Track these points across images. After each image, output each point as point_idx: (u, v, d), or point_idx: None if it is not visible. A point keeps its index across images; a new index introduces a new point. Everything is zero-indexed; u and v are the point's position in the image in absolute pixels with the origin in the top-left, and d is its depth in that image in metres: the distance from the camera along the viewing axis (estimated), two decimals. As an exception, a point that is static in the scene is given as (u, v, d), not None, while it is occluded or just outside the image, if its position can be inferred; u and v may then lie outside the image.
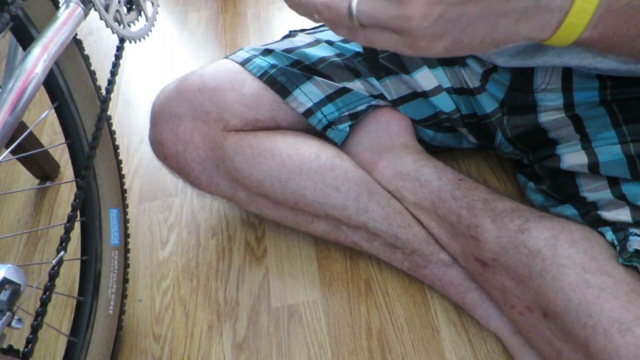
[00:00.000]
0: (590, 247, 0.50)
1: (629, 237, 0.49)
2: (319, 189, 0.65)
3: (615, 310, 0.45)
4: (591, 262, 0.49)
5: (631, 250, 0.48)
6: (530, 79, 0.60)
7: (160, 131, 0.66)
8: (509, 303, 0.56)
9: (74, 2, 0.52)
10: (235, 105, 0.65)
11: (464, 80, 0.66)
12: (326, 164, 0.65)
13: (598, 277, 0.47)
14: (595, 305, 0.46)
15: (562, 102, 0.60)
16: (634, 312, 0.44)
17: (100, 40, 1.22)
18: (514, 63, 0.58)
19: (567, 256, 0.49)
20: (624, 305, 0.45)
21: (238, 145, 0.65)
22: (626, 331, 0.44)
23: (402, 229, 0.65)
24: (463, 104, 0.68)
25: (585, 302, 0.46)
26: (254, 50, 0.70)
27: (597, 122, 0.57)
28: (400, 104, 0.69)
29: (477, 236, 0.57)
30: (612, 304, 0.45)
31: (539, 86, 0.60)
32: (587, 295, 0.47)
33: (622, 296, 0.45)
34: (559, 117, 0.60)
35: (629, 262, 0.48)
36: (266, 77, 0.66)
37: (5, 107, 0.45)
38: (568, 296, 0.48)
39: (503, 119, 0.64)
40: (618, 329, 0.44)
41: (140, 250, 0.82)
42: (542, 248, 0.51)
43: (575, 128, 0.59)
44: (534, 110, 0.62)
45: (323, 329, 0.69)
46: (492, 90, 0.65)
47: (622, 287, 0.46)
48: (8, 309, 0.43)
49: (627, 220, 0.52)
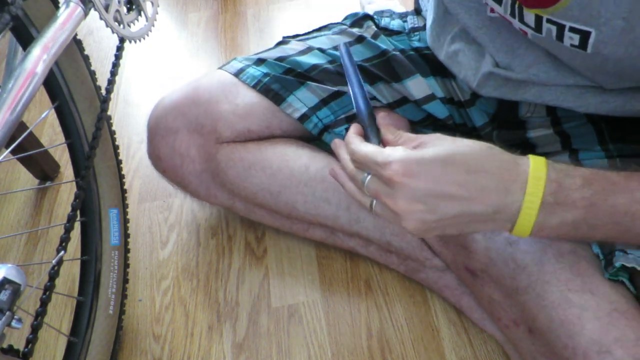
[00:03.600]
0: (576, 262, 0.49)
1: (614, 252, 0.48)
2: (310, 202, 0.65)
3: (596, 332, 0.44)
4: (576, 280, 0.48)
5: (617, 265, 0.47)
6: (516, 107, 0.60)
7: (157, 146, 0.67)
8: (496, 315, 0.56)
9: (74, 2, 0.52)
10: (229, 117, 0.65)
11: (455, 92, 0.66)
12: (316, 176, 0.65)
13: (581, 296, 0.47)
14: (576, 325, 0.46)
15: (550, 119, 0.60)
16: (614, 334, 0.44)
17: (100, 40, 1.22)
18: (496, 94, 0.58)
19: (551, 272, 0.49)
20: (605, 327, 0.44)
21: (229, 158, 0.65)
22: (605, 354, 0.43)
23: (395, 237, 0.65)
24: (456, 113, 0.68)
25: (567, 322, 0.46)
26: (246, 60, 0.70)
27: (585, 139, 0.57)
28: (396, 107, 0.69)
29: (467, 246, 0.57)
30: (594, 324, 0.45)
31: (524, 114, 0.60)
32: (569, 316, 0.46)
33: (604, 317, 0.45)
34: (548, 133, 0.60)
35: (615, 276, 0.48)
36: (260, 86, 0.66)
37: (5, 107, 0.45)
38: (550, 315, 0.47)
39: (492, 133, 0.64)
40: (597, 351, 0.44)
41: (140, 250, 0.82)
42: (529, 263, 0.51)
43: (562, 144, 0.59)
44: (523, 127, 0.62)
45: (323, 329, 0.69)
46: (482, 106, 0.65)
47: (605, 307, 0.45)
48: (8, 309, 0.43)
49: None
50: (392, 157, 0.42)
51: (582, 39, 0.43)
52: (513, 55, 0.54)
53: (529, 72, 0.53)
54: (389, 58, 0.67)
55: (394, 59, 0.67)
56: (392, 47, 0.68)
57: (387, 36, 0.70)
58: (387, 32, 0.70)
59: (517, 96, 0.57)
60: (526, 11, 0.47)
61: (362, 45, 0.68)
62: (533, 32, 0.48)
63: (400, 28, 0.71)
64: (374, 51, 0.68)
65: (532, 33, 0.48)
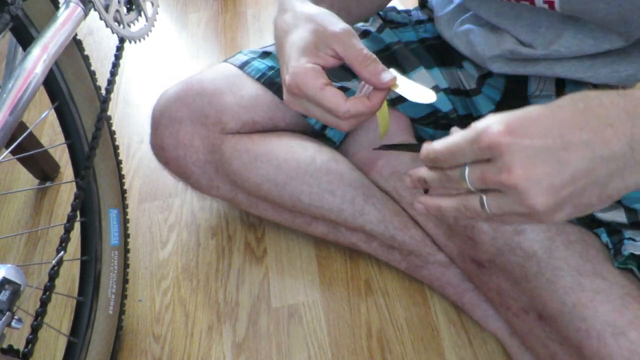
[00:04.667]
0: (585, 250, 0.50)
1: (623, 241, 0.49)
2: (315, 193, 0.65)
3: (609, 314, 0.45)
4: (586, 265, 0.48)
5: (626, 253, 0.48)
6: (525, 85, 0.60)
7: (161, 136, 0.67)
8: (504, 305, 0.56)
9: (74, 2, 0.52)
10: (234, 108, 0.65)
11: (461, 81, 0.67)
12: (321, 167, 0.65)
13: (592, 280, 0.47)
14: (589, 308, 0.46)
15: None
16: (628, 316, 0.44)
17: (100, 40, 1.22)
18: (507, 69, 0.58)
19: (562, 259, 0.49)
20: (618, 309, 0.45)
21: (235, 149, 0.65)
22: (619, 335, 0.44)
23: (399, 231, 0.65)
24: (460, 104, 0.68)
25: (580, 305, 0.46)
26: (252, 53, 0.70)
27: None
28: (398, 103, 0.69)
29: (473, 237, 0.57)
30: (606, 307, 0.45)
31: (533, 92, 0.60)
32: (582, 299, 0.46)
33: (617, 300, 0.45)
34: None
35: (624, 265, 0.48)
36: (264, 79, 0.66)
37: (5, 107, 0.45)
38: (562, 299, 0.48)
39: None
40: (612, 332, 0.44)
41: (140, 250, 0.82)
42: (538, 250, 0.51)
43: None
44: None
45: (323, 329, 0.69)
46: (488, 92, 0.65)
47: (617, 291, 0.46)
48: (8, 309, 0.43)
49: (622, 221, 0.52)
50: (486, 122, 0.34)
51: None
52: (535, 34, 0.54)
53: (549, 49, 0.53)
54: (393, 52, 0.67)
55: (398, 53, 0.67)
56: (396, 40, 0.68)
57: (393, 29, 0.70)
58: (393, 25, 0.71)
59: (528, 69, 0.56)
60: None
61: (368, 39, 0.69)
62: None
63: (406, 20, 0.72)
64: (378, 45, 0.68)
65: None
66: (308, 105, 0.44)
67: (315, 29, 0.44)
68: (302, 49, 0.44)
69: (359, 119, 0.44)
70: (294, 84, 0.43)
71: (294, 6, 0.47)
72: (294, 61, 0.43)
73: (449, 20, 0.63)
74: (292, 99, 0.45)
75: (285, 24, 0.47)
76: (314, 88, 0.42)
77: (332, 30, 0.42)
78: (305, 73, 0.42)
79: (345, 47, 0.42)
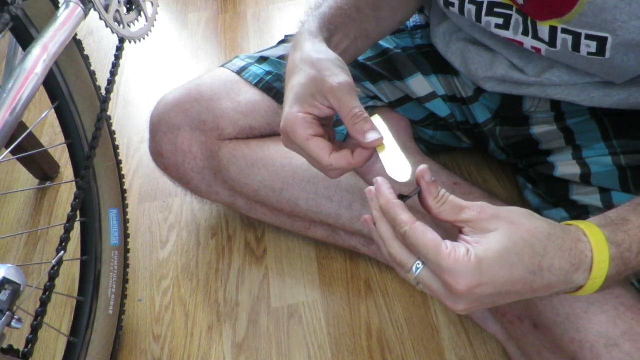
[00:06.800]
0: None
1: None
2: (312, 199, 0.65)
3: (603, 325, 0.45)
4: None
5: None
6: (520, 103, 0.60)
7: (159, 142, 0.67)
8: (500, 311, 0.56)
9: (74, 2, 0.52)
10: (231, 113, 0.65)
11: (458, 89, 0.67)
12: (319, 173, 0.65)
13: None
14: (583, 319, 0.46)
15: (554, 115, 0.60)
16: (622, 327, 0.44)
17: (100, 40, 1.22)
18: (500, 89, 0.58)
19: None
20: (612, 320, 0.45)
21: (232, 155, 0.66)
22: (613, 347, 0.43)
23: None
24: (457, 111, 0.68)
25: (574, 315, 0.46)
26: (249, 58, 0.70)
27: (588, 135, 0.58)
28: (397, 106, 0.69)
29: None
30: (600, 318, 0.45)
31: (529, 109, 0.60)
32: (576, 309, 0.46)
33: (611, 310, 0.45)
34: (551, 129, 0.60)
35: None
36: (262, 84, 0.66)
37: (5, 107, 0.45)
38: (557, 309, 0.47)
39: (495, 129, 0.64)
40: (605, 344, 0.44)
41: (140, 250, 0.82)
42: None
43: (566, 140, 0.60)
44: (527, 123, 0.62)
45: (323, 329, 0.69)
46: (485, 101, 0.65)
47: (611, 301, 0.46)
48: (8, 309, 0.43)
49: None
50: (458, 270, 0.36)
51: (599, 46, 0.44)
52: (528, 60, 0.54)
53: (542, 77, 0.54)
54: (390, 57, 0.67)
55: (396, 58, 0.67)
56: (394, 45, 0.68)
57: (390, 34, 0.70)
58: None
59: (521, 91, 0.57)
60: (540, 25, 0.47)
61: None
62: (547, 47, 0.48)
63: (403, 26, 0.72)
64: (376, 50, 0.68)
65: (547, 48, 0.48)
66: (299, 150, 0.45)
67: (315, 76, 0.44)
68: (297, 97, 0.44)
69: (343, 171, 0.45)
70: (284, 131, 0.44)
71: (303, 47, 0.48)
72: (288, 107, 0.44)
73: (444, 34, 0.63)
74: (286, 141, 0.46)
75: (292, 64, 0.48)
76: (301, 138, 0.43)
77: (329, 82, 0.42)
78: (294, 122, 0.43)
79: (339, 102, 0.42)
